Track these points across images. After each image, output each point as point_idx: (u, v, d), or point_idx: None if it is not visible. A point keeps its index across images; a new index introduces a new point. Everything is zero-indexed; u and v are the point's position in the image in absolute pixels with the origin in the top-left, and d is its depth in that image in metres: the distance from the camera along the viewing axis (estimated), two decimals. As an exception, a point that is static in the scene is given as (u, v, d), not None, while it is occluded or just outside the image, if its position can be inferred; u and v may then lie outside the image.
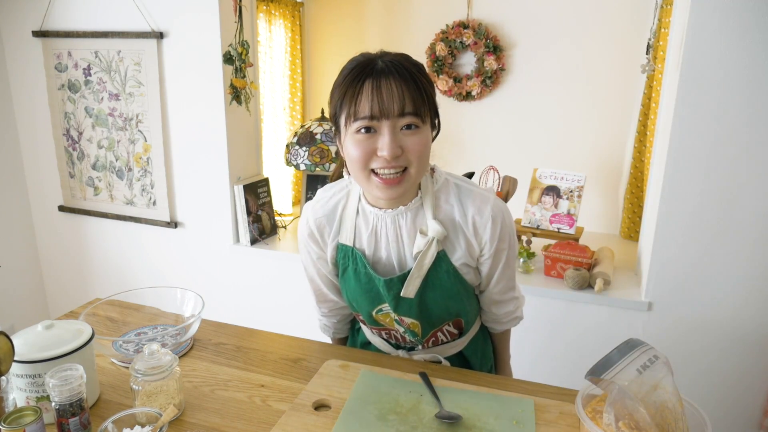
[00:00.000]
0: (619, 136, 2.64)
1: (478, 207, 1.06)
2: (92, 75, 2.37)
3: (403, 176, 0.97)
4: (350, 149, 0.96)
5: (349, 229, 1.10)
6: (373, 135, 0.94)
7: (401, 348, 1.24)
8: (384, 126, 0.93)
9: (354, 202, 1.10)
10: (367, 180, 0.98)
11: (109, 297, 1.34)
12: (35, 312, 2.78)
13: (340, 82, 0.97)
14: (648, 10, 2.33)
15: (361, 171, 0.97)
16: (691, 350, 1.84)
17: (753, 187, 1.66)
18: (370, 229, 1.08)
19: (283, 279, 2.35)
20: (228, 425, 0.97)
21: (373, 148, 0.95)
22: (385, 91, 0.92)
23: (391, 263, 1.09)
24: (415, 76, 0.95)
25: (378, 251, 1.09)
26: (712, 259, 1.74)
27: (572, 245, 2.01)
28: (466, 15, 2.72)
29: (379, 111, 0.92)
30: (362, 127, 0.94)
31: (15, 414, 0.85)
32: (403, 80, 0.93)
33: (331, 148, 2.36)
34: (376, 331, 1.23)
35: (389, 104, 0.92)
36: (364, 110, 0.93)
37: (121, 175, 2.46)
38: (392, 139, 0.93)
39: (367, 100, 0.92)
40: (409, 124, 0.94)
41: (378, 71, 0.93)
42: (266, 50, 2.61)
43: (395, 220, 1.07)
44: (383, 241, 1.08)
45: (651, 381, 0.82)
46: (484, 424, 0.96)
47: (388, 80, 0.92)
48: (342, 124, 0.98)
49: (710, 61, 1.61)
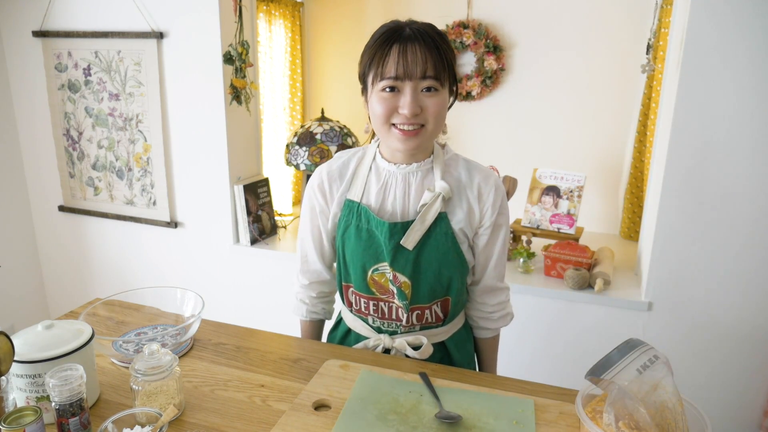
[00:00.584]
0: (619, 136, 2.64)
1: (484, 176, 1.17)
2: (92, 75, 2.37)
3: (420, 131, 1.07)
4: (375, 105, 1.07)
5: (360, 186, 1.17)
6: (396, 94, 1.05)
7: (383, 332, 1.23)
8: (407, 86, 1.03)
9: (368, 161, 1.18)
10: (388, 132, 1.08)
11: (109, 297, 1.34)
12: (35, 312, 2.78)
13: (370, 45, 1.07)
14: (648, 10, 2.33)
15: (382, 125, 1.08)
16: (691, 350, 1.84)
17: (753, 187, 1.66)
18: (381, 184, 1.16)
19: (283, 279, 2.35)
20: (228, 425, 0.97)
21: (395, 105, 1.05)
22: (410, 55, 1.02)
23: (395, 216, 1.15)
24: (438, 44, 1.04)
25: (384, 205, 1.16)
26: (712, 260, 1.74)
27: (572, 245, 2.01)
28: (466, 15, 2.72)
29: (403, 72, 1.02)
30: (387, 87, 1.04)
31: (15, 414, 0.85)
32: (427, 47, 1.03)
33: (330, 147, 2.35)
34: (364, 306, 1.22)
35: (413, 67, 1.02)
36: (390, 71, 1.03)
37: (121, 175, 2.46)
38: (413, 98, 1.03)
39: (393, 63, 1.02)
40: (429, 87, 1.04)
41: (405, 37, 1.03)
42: (266, 50, 2.61)
43: (406, 176, 1.15)
44: (391, 195, 1.15)
45: (651, 381, 0.82)
46: (484, 424, 0.96)
47: (413, 45, 1.02)
48: (369, 82, 1.08)
49: (710, 61, 1.61)
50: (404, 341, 1.20)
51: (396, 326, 1.21)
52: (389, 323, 1.22)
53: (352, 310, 1.26)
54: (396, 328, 1.22)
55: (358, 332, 1.27)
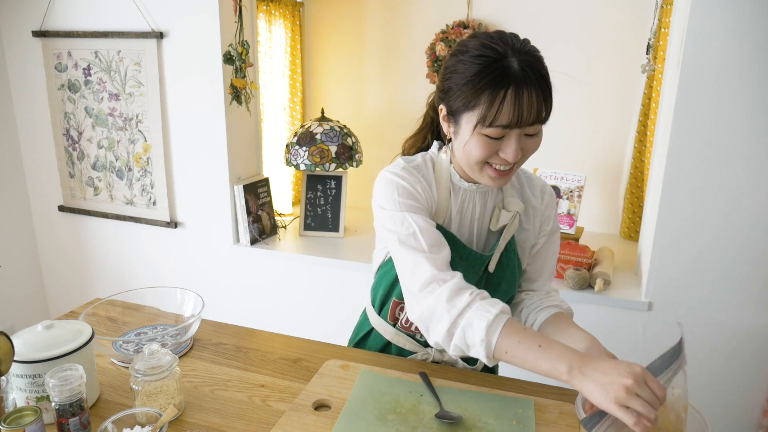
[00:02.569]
0: (619, 136, 2.64)
1: (542, 184, 1.17)
2: (92, 75, 2.37)
3: (513, 167, 1.01)
4: (474, 147, 0.97)
5: (443, 208, 1.09)
6: (500, 138, 0.96)
7: (429, 346, 1.18)
8: (513, 133, 0.96)
9: (445, 180, 1.09)
10: (480, 170, 1.01)
11: (109, 297, 1.34)
12: (35, 312, 2.78)
13: (474, 80, 0.93)
14: (648, 10, 2.33)
15: (476, 163, 1.00)
16: (691, 350, 1.83)
17: (753, 187, 1.66)
18: (458, 206, 1.10)
19: (283, 279, 2.35)
20: (228, 425, 0.97)
21: (497, 149, 0.97)
22: (526, 104, 0.92)
23: (472, 236, 1.12)
24: (549, 84, 0.95)
25: (462, 226, 1.11)
26: (712, 259, 1.74)
27: (572, 245, 2.01)
28: (466, 15, 2.72)
29: (517, 122, 0.93)
30: (495, 135, 0.95)
31: (15, 414, 0.85)
32: (541, 90, 0.93)
33: (330, 147, 2.35)
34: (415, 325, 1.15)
35: (527, 116, 0.93)
36: (503, 120, 0.93)
37: (121, 175, 2.46)
38: (518, 145, 0.96)
39: (508, 112, 0.92)
40: (535, 132, 0.98)
41: (519, 79, 0.91)
42: (266, 50, 2.61)
43: (483, 195, 1.11)
44: (468, 215, 1.11)
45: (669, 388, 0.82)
46: (484, 424, 0.96)
47: (529, 92, 0.92)
48: (468, 120, 0.97)
49: (710, 61, 1.61)
50: (455, 355, 1.14)
51: None
52: None
53: (396, 325, 1.19)
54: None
55: (401, 346, 1.21)
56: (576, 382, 0.81)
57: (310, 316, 2.35)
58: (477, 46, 0.95)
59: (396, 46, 2.72)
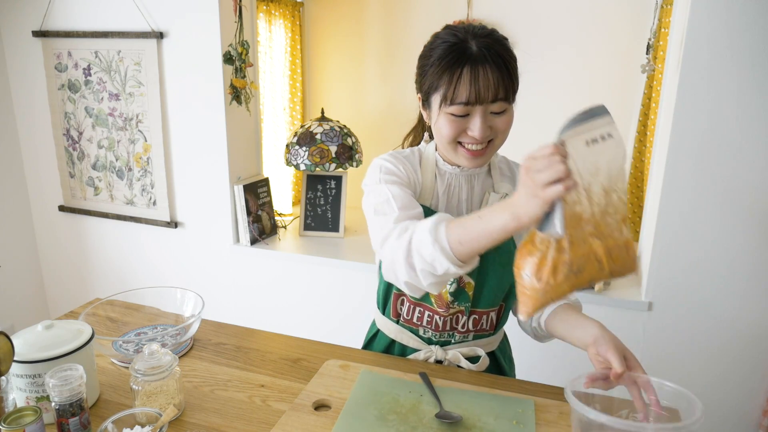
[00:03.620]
0: (619, 136, 2.63)
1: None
2: (92, 75, 2.37)
3: (488, 147, 1.05)
4: (442, 126, 1.03)
5: (429, 190, 1.13)
6: (465, 116, 1.01)
7: (434, 343, 1.19)
8: (477, 110, 1.00)
9: (431, 165, 1.13)
10: (455, 151, 1.05)
11: (109, 297, 1.34)
12: (35, 312, 2.78)
13: (435, 62, 1.01)
14: (648, 10, 2.32)
15: (449, 143, 1.05)
16: (691, 350, 1.84)
17: (753, 187, 1.66)
18: (445, 187, 1.13)
19: (283, 279, 2.35)
20: (228, 425, 0.97)
21: (464, 128, 1.02)
22: (482, 80, 0.98)
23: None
24: (508, 63, 1.00)
25: (449, 209, 1.13)
26: (712, 259, 1.74)
27: (572, 245, 2.01)
28: (466, 15, 2.72)
29: (475, 98, 0.98)
30: (457, 112, 1.00)
31: (15, 414, 0.85)
32: (498, 68, 0.98)
33: (330, 147, 2.35)
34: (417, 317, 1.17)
35: (485, 93, 0.98)
36: (461, 97, 0.98)
37: (121, 175, 2.46)
38: (483, 122, 1.00)
39: (465, 88, 0.98)
40: (500, 110, 1.01)
41: (475, 58, 0.98)
42: (266, 50, 2.61)
43: (470, 179, 1.13)
44: (455, 198, 1.13)
45: (595, 162, 0.77)
46: (484, 424, 0.96)
47: (485, 69, 0.98)
48: (435, 102, 1.04)
49: (710, 62, 1.61)
50: (458, 353, 1.16)
51: (449, 335, 1.17)
52: (442, 334, 1.17)
53: (399, 321, 1.20)
54: (449, 338, 1.18)
55: (405, 344, 1.21)
56: (520, 216, 0.80)
57: (310, 316, 2.35)
58: (443, 34, 1.03)
59: (396, 46, 2.72)
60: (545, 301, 0.79)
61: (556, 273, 0.77)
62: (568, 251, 0.77)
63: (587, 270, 0.78)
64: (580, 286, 0.79)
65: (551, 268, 0.77)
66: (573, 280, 0.78)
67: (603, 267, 0.78)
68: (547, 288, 0.78)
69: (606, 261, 0.78)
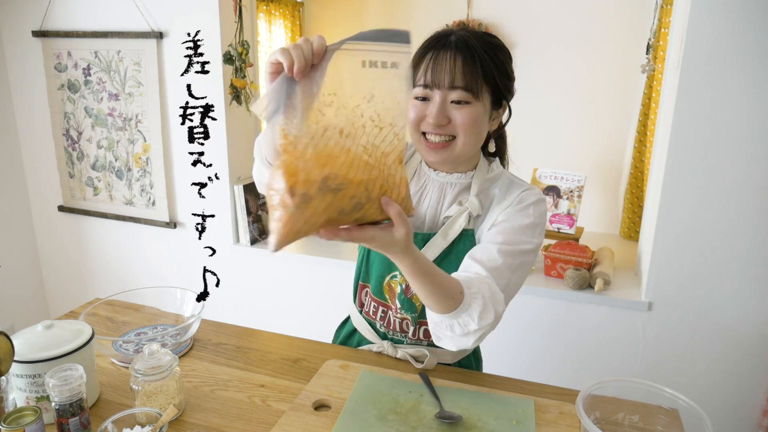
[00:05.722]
0: (619, 136, 2.64)
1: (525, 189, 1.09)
2: (92, 75, 2.37)
3: (449, 144, 1.03)
4: (410, 111, 1.04)
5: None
6: (428, 102, 1.02)
7: (387, 339, 1.20)
8: (435, 95, 1.00)
9: (416, 162, 1.16)
10: (419, 141, 1.06)
11: (109, 297, 1.34)
12: (35, 312, 2.78)
13: (417, 50, 1.04)
14: (648, 10, 2.33)
15: (414, 131, 1.05)
16: (691, 350, 1.84)
17: (753, 187, 1.66)
18: (419, 187, 1.14)
19: (283, 279, 2.35)
20: (228, 425, 0.97)
21: (425, 114, 1.02)
22: (440, 63, 0.98)
23: (423, 225, 1.13)
24: (479, 55, 0.98)
25: (418, 208, 1.13)
26: (712, 259, 1.74)
27: (572, 245, 2.01)
28: (467, 15, 2.72)
29: (431, 81, 0.99)
30: (419, 95, 1.02)
31: (15, 414, 0.85)
32: (462, 56, 0.98)
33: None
34: (373, 311, 1.19)
35: (440, 76, 0.98)
36: (421, 79, 1.01)
37: (121, 176, 2.46)
38: (439, 108, 0.99)
39: (426, 72, 1.00)
40: (459, 99, 0.99)
41: (443, 44, 1.00)
42: (266, 50, 2.61)
43: (442, 186, 1.12)
44: (426, 200, 1.13)
45: (371, 87, 0.71)
46: (484, 424, 0.96)
47: (447, 54, 0.98)
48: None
49: (710, 62, 1.61)
50: (406, 353, 1.17)
51: (402, 336, 1.19)
52: (394, 333, 1.19)
53: (362, 312, 1.23)
54: (402, 338, 1.19)
55: (363, 334, 1.25)
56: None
57: (310, 316, 2.35)
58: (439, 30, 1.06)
59: (396, 46, 2.72)
60: (300, 223, 0.68)
61: (307, 165, 0.67)
62: (312, 151, 0.68)
63: (349, 191, 0.71)
64: (344, 214, 0.71)
65: (301, 170, 0.67)
66: (330, 198, 0.69)
67: (370, 196, 0.73)
68: (300, 201, 0.67)
69: (373, 189, 0.73)
